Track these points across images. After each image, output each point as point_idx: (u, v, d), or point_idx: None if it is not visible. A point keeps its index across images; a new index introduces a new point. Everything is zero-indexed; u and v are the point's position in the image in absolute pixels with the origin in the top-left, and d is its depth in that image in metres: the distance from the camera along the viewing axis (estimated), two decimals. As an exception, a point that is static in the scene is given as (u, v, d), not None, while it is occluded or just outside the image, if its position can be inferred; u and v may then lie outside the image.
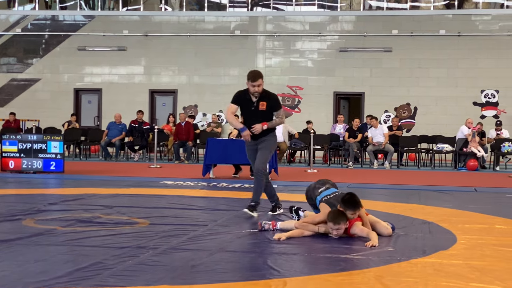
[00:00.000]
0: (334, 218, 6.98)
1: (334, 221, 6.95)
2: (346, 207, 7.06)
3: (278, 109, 8.64)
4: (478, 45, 24.30)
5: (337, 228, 6.95)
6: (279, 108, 8.66)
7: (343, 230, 7.00)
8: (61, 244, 6.48)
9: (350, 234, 7.08)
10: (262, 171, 8.54)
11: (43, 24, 27.08)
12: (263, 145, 8.61)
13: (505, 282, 5.21)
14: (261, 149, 8.62)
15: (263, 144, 8.62)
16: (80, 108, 26.70)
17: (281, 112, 8.60)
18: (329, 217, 7.02)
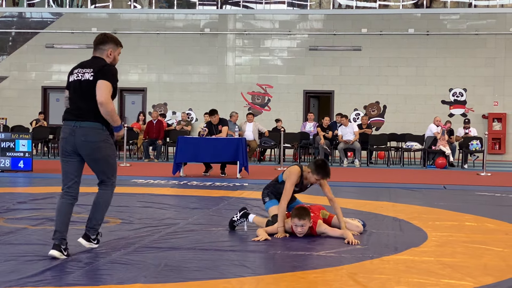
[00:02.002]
0: (299, 213, 6.94)
1: (299, 216, 6.92)
2: (316, 171, 7.22)
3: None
4: (447, 44, 24.50)
5: (302, 225, 6.91)
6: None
7: (307, 227, 6.97)
8: (32, 243, 6.43)
9: (316, 233, 7.07)
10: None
11: (10, 22, 26.78)
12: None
13: (476, 278, 5.26)
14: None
15: None
16: (48, 106, 26.46)
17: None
18: (293, 213, 7.00)
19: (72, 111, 6.00)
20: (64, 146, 6.02)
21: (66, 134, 6.02)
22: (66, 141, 6.01)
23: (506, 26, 24.32)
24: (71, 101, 6.01)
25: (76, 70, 6.02)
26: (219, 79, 25.46)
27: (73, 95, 5.98)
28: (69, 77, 6.06)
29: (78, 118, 5.93)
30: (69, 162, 6.10)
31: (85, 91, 5.90)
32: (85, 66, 6.02)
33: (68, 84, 6.05)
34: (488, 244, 6.77)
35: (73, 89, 5.99)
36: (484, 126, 23.89)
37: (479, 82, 24.37)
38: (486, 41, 24.35)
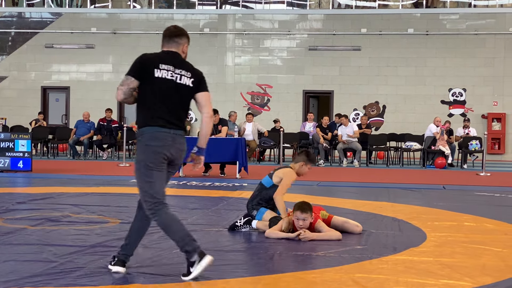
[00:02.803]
0: (301, 207, 6.95)
1: (302, 210, 6.92)
2: (310, 160, 7.52)
3: None
4: (446, 44, 24.50)
5: (304, 218, 6.91)
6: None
7: (309, 222, 6.97)
8: (31, 243, 6.42)
9: (314, 229, 7.08)
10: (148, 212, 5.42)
11: (9, 21, 26.79)
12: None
13: (475, 279, 5.27)
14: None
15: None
16: (48, 106, 26.45)
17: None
18: (295, 207, 7.00)
19: (170, 117, 5.23)
20: (164, 153, 5.20)
21: (167, 141, 5.20)
22: (167, 148, 5.21)
23: (506, 26, 24.33)
24: (163, 103, 5.22)
25: (165, 66, 5.27)
26: (218, 79, 25.46)
27: (167, 98, 5.23)
28: (151, 70, 5.23)
29: (177, 126, 5.27)
30: (163, 170, 5.28)
31: (183, 97, 5.34)
32: (177, 65, 5.34)
33: (152, 78, 5.22)
34: (487, 244, 6.78)
35: (166, 90, 5.23)
36: (484, 126, 23.90)
37: (478, 82, 24.38)
38: (485, 41, 24.36)
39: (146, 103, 5.24)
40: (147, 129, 5.18)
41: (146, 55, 5.38)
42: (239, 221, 7.47)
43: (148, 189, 5.21)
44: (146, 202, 5.23)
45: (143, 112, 5.26)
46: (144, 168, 5.22)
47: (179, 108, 5.33)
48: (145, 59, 5.32)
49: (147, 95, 5.23)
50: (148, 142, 5.19)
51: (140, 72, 5.23)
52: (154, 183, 5.21)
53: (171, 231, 5.17)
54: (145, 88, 5.22)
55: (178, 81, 5.29)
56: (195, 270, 5.04)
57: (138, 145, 5.27)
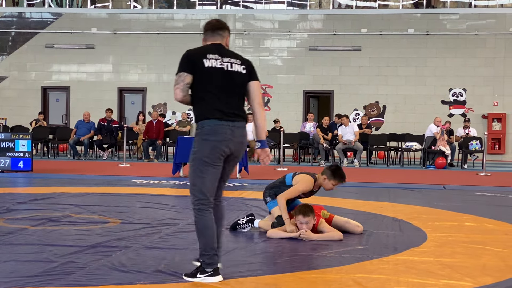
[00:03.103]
0: (303, 210, 6.95)
1: (304, 213, 6.92)
2: (333, 176, 7.23)
3: None
4: (446, 44, 24.50)
5: (307, 221, 6.91)
6: None
7: (312, 224, 6.98)
8: (32, 243, 6.42)
9: (317, 230, 7.09)
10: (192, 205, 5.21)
11: (9, 22, 26.79)
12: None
13: (475, 279, 5.27)
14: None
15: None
16: (48, 106, 26.45)
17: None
18: (297, 211, 6.99)
19: (227, 108, 5.11)
20: (222, 149, 5.07)
21: (226, 135, 5.07)
22: (226, 143, 5.07)
23: (506, 26, 24.33)
24: (218, 94, 5.11)
25: (212, 56, 5.18)
26: (219, 79, 25.42)
27: (220, 87, 5.12)
28: (201, 61, 5.13)
29: (235, 117, 5.12)
30: (218, 167, 5.11)
31: (238, 84, 5.19)
32: (224, 55, 5.23)
33: (203, 69, 5.12)
34: (487, 245, 6.78)
35: (218, 80, 5.12)
36: (484, 126, 23.90)
37: (478, 82, 24.37)
38: (485, 41, 24.36)
39: (201, 96, 5.14)
40: (206, 122, 5.07)
41: (191, 50, 5.30)
42: (241, 220, 7.46)
43: (199, 184, 5.08)
44: (194, 196, 5.11)
45: (200, 105, 5.16)
46: (200, 162, 5.08)
47: (235, 97, 5.20)
48: (192, 53, 5.25)
49: (201, 87, 5.13)
50: (207, 136, 5.06)
51: (190, 65, 5.14)
52: (206, 179, 5.08)
53: (202, 235, 5.09)
54: (198, 81, 5.12)
55: (229, 68, 5.18)
56: (201, 278, 5.03)
57: (196, 138, 5.14)
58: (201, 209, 5.08)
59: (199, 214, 5.08)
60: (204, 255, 5.06)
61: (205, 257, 5.06)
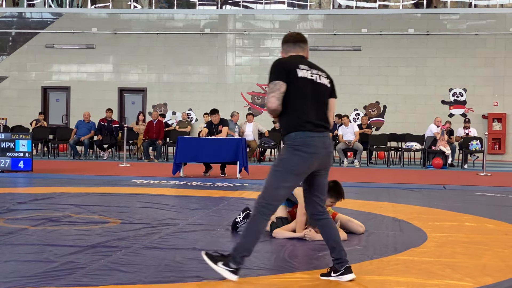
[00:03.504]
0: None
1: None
2: (329, 195, 6.94)
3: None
4: (446, 44, 24.51)
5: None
6: None
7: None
8: (32, 243, 6.42)
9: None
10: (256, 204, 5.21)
11: (10, 22, 26.79)
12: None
13: (475, 279, 5.27)
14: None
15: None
16: (48, 107, 26.46)
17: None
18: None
19: (318, 119, 5.12)
20: (312, 162, 5.06)
21: (318, 148, 5.08)
22: (316, 156, 5.07)
23: (506, 26, 24.33)
24: (310, 105, 5.11)
25: (303, 67, 5.16)
26: (219, 79, 25.48)
27: (312, 98, 5.12)
28: (294, 70, 5.11)
29: (324, 129, 5.14)
30: (300, 180, 5.17)
31: (324, 96, 5.22)
32: (312, 66, 5.25)
33: (296, 79, 5.08)
34: (487, 245, 6.78)
35: (310, 91, 5.11)
36: (484, 126, 23.90)
37: (479, 82, 24.38)
38: (486, 41, 24.36)
39: (292, 106, 5.10)
40: (298, 134, 5.06)
41: (282, 59, 5.27)
42: (238, 217, 7.45)
43: (273, 190, 5.09)
44: (263, 198, 5.10)
45: (291, 115, 5.12)
46: (286, 171, 5.07)
47: (323, 108, 5.22)
48: (285, 62, 5.22)
49: (293, 97, 5.09)
50: (299, 147, 5.05)
51: (285, 74, 5.08)
52: (283, 188, 5.09)
53: (248, 236, 5.12)
54: (291, 91, 5.07)
55: (318, 80, 5.20)
56: (221, 269, 5.10)
57: (288, 148, 5.10)
58: (263, 212, 5.09)
59: (258, 216, 5.10)
60: (239, 253, 5.08)
61: (237, 253, 5.08)
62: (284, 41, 5.46)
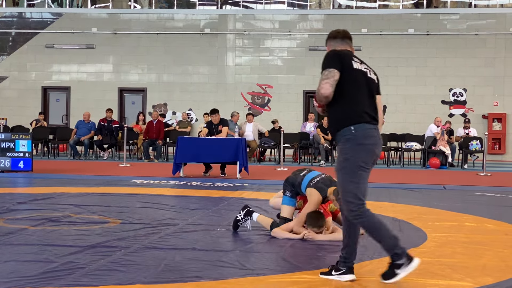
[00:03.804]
0: (315, 222, 6.90)
1: (318, 225, 6.90)
2: (312, 224, 6.97)
3: None
4: (446, 44, 24.50)
5: (320, 231, 6.94)
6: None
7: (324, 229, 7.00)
8: (31, 243, 6.42)
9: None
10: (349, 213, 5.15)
11: (10, 22, 26.79)
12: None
13: (475, 279, 5.27)
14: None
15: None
16: (48, 107, 26.45)
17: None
18: (309, 222, 6.93)
19: (372, 111, 5.14)
20: (376, 152, 5.14)
21: (376, 138, 5.12)
22: (376, 146, 5.13)
23: (506, 26, 24.33)
24: (364, 97, 5.13)
25: (356, 59, 5.21)
26: (219, 79, 25.48)
27: (366, 90, 5.15)
28: (349, 61, 5.15)
29: (376, 121, 5.17)
30: (369, 171, 5.18)
31: (374, 91, 5.24)
32: (361, 61, 5.29)
33: (351, 70, 5.10)
34: (487, 245, 6.78)
35: (364, 83, 5.14)
36: (484, 126, 23.89)
37: (479, 82, 24.37)
38: (486, 41, 24.36)
39: (348, 97, 5.07)
40: (358, 127, 5.03)
41: (337, 50, 5.27)
42: (239, 215, 7.43)
43: (353, 190, 5.05)
44: (350, 203, 5.05)
45: (347, 107, 5.08)
46: (356, 167, 5.05)
47: (374, 102, 5.22)
48: (340, 52, 5.23)
49: (348, 88, 5.06)
50: (362, 141, 5.02)
51: (340, 63, 5.08)
52: (360, 184, 5.08)
53: (378, 234, 5.05)
54: (345, 81, 5.05)
55: (369, 75, 5.23)
56: (402, 272, 4.99)
57: (348, 143, 5.04)
58: (361, 213, 5.06)
59: (363, 218, 5.07)
60: (393, 249, 5.02)
61: (395, 250, 5.01)
62: (331, 37, 5.48)
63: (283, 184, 7.45)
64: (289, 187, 7.35)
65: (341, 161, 5.11)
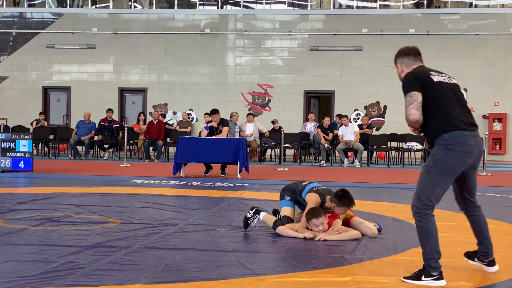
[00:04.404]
0: (313, 213, 6.94)
1: (316, 216, 6.92)
2: (341, 203, 6.97)
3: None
4: (447, 44, 24.50)
5: (321, 222, 6.92)
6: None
7: (326, 223, 6.98)
8: (32, 243, 6.42)
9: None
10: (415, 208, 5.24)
11: (10, 22, 26.79)
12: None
13: (475, 279, 5.29)
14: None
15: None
16: (49, 107, 26.46)
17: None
18: (308, 216, 6.97)
19: (466, 118, 5.21)
20: (466, 161, 5.19)
21: (471, 146, 5.17)
22: (470, 154, 5.19)
23: (507, 26, 24.33)
24: (455, 105, 5.21)
25: (433, 72, 5.33)
26: (219, 79, 25.48)
27: (455, 99, 5.23)
28: (428, 77, 5.25)
29: (473, 127, 5.23)
30: (454, 178, 5.29)
31: (463, 95, 5.35)
32: (438, 71, 5.42)
33: (433, 84, 5.22)
34: (487, 245, 6.76)
35: (450, 92, 5.24)
36: (485, 126, 23.88)
37: (479, 82, 24.37)
38: (486, 41, 24.36)
39: (438, 110, 5.18)
40: (452, 134, 5.12)
41: (412, 71, 5.38)
42: (248, 214, 7.44)
43: (430, 191, 5.16)
44: (420, 200, 5.16)
45: (438, 119, 5.19)
46: (442, 171, 5.15)
47: (467, 107, 5.30)
48: (417, 72, 5.33)
49: (435, 102, 5.20)
50: (453, 147, 5.11)
51: (419, 84, 5.22)
52: (440, 188, 5.17)
53: (427, 240, 5.14)
54: (430, 97, 5.20)
55: (452, 81, 5.34)
56: (427, 281, 5.10)
57: (441, 148, 5.15)
58: (426, 213, 5.14)
59: (423, 218, 5.14)
60: (430, 259, 5.12)
61: (431, 261, 5.12)
62: (403, 54, 5.53)
63: (281, 192, 7.58)
64: (289, 193, 7.49)
65: (429, 161, 5.25)
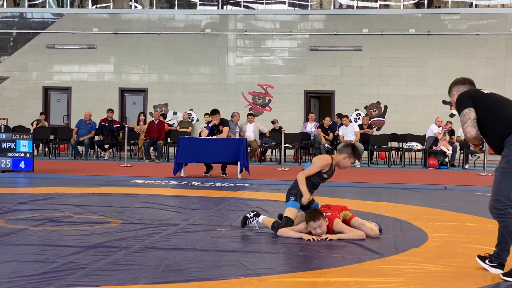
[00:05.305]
0: (312, 216, 6.96)
1: (314, 218, 6.93)
2: (354, 154, 7.40)
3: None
4: (447, 44, 24.50)
5: (319, 225, 6.92)
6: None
7: (325, 226, 6.98)
8: (32, 243, 6.42)
9: (333, 231, 7.08)
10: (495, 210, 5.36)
11: (11, 22, 26.80)
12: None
13: (476, 279, 5.28)
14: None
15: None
16: (49, 107, 26.47)
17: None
18: (306, 219, 7.00)
19: None
20: None
21: None
22: None
23: (507, 26, 24.32)
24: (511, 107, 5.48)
25: (483, 89, 5.79)
26: (220, 80, 25.48)
27: (507, 103, 5.54)
28: (479, 92, 5.65)
29: None
30: None
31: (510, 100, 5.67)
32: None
33: (485, 97, 5.57)
34: (488, 245, 6.75)
35: (504, 98, 5.61)
36: (485, 126, 23.83)
37: (480, 82, 24.04)
38: (487, 41, 24.36)
39: (497, 117, 5.39)
40: None
41: (463, 91, 5.76)
42: (248, 214, 7.49)
43: (506, 190, 5.30)
44: (498, 201, 5.29)
45: (500, 121, 5.39)
46: None
47: None
48: (467, 91, 5.72)
49: (491, 109, 5.42)
50: None
51: (470, 100, 5.49)
52: None
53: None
54: (485, 108, 5.43)
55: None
56: (487, 266, 5.49)
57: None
58: (508, 212, 5.27)
59: (507, 218, 5.28)
60: (503, 256, 5.40)
61: (502, 258, 5.40)
62: (459, 83, 6.02)
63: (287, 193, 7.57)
64: (294, 190, 7.47)
65: (502, 162, 5.45)
